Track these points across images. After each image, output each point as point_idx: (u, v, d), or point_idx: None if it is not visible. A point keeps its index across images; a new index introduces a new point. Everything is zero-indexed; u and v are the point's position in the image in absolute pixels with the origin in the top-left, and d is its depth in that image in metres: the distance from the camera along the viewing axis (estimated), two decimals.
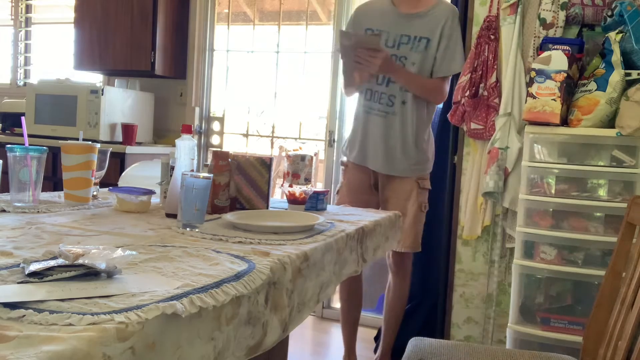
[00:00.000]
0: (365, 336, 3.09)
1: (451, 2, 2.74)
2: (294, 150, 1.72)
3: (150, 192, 1.52)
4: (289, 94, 3.58)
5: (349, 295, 2.58)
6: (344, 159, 2.57)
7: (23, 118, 1.62)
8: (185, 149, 1.45)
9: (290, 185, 1.70)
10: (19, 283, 0.77)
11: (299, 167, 1.71)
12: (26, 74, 4.42)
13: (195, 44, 3.72)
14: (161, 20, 3.53)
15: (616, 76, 1.98)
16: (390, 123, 2.36)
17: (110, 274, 0.83)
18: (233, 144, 3.79)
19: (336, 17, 3.37)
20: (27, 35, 4.38)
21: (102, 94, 3.36)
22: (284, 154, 2.43)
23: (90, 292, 0.75)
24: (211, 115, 3.82)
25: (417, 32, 2.32)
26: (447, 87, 2.41)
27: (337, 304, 3.46)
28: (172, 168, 1.49)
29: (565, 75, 2.04)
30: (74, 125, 3.41)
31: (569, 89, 2.10)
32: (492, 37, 2.40)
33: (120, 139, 3.48)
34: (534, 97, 2.07)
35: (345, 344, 2.64)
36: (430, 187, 2.48)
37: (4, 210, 1.35)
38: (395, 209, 2.19)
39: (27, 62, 4.42)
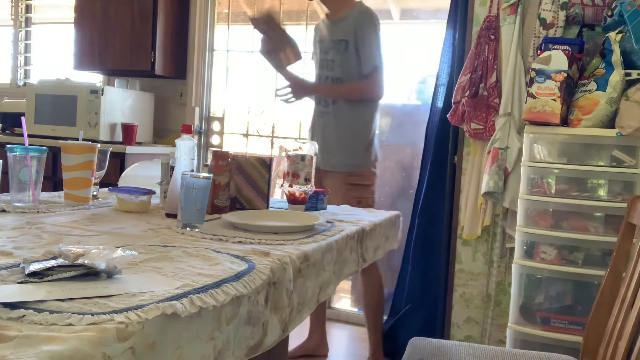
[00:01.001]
0: (365, 336, 3.09)
1: (452, 2, 2.74)
2: (294, 150, 1.72)
3: (150, 192, 1.52)
4: None
5: None
6: None
7: (23, 118, 1.62)
8: (185, 149, 1.45)
9: (290, 185, 1.70)
10: (19, 283, 0.77)
11: (299, 167, 1.70)
12: (26, 74, 4.42)
13: (195, 44, 3.72)
14: (161, 20, 3.53)
15: (616, 76, 1.98)
16: (327, 122, 2.60)
17: (110, 274, 0.83)
18: (233, 144, 3.79)
19: None
20: (27, 35, 4.38)
21: (102, 94, 3.36)
22: (284, 154, 2.45)
23: (90, 292, 0.75)
24: (211, 115, 3.82)
25: (338, 36, 2.55)
26: (377, 82, 2.54)
27: (337, 303, 3.46)
28: (172, 168, 1.49)
29: (565, 75, 2.04)
30: (74, 125, 3.41)
31: (569, 89, 2.10)
32: (492, 37, 2.40)
33: (120, 139, 3.48)
34: (534, 97, 2.07)
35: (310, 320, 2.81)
36: (371, 182, 2.62)
37: (4, 210, 1.35)
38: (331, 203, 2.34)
39: (27, 62, 4.42)
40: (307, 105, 2.78)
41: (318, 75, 2.66)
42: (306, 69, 3.18)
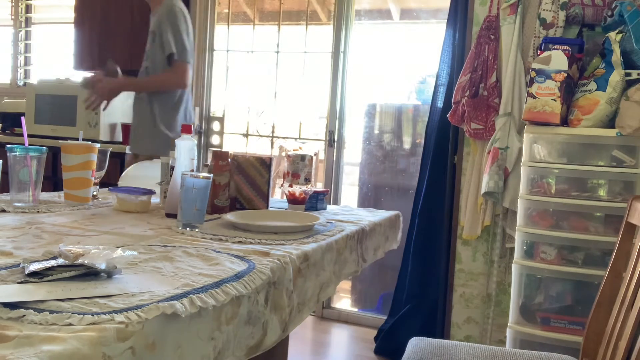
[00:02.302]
0: (365, 336, 3.09)
1: (452, 2, 2.74)
2: (294, 150, 1.72)
3: (150, 192, 1.52)
4: (289, 94, 3.57)
5: None
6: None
7: (23, 118, 1.62)
8: (185, 149, 1.45)
9: (290, 185, 1.70)
10: (19, 283, 0.77)
11: (299, 167, 1.71)
12: (26, 74, 4.41)
13: (195, 44, 3.72)
14: None
15: (616, 76, 1.98)
16: (137, 108, 2.79)
17: (110, 274, 0.83)
18: (233, 144, 3.79)
19: (336, 17, 3.37)
20: (27, 35, 4.38)
21: None
22: (284, 154, 2.46)
23: (90, 292, 0.75)
24: (211, 115, 3.82)
25: (151, 28, 2.74)
26: (180, 73, 2.67)
27: (337, 303, 3.46)
28: (172, 168, 1.49)
29: (565, 75, 2.04)
30: (74, 125, 3.41)
31: (569, 89, 2.10)
32: (492, 37, 2.40)
33: (120, 139, 3.48)
34: (534, 97, 2.07)
35: None
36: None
37: (4, 210, 1.35)
38: None
39: (27, 62, 4.42)
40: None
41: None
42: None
